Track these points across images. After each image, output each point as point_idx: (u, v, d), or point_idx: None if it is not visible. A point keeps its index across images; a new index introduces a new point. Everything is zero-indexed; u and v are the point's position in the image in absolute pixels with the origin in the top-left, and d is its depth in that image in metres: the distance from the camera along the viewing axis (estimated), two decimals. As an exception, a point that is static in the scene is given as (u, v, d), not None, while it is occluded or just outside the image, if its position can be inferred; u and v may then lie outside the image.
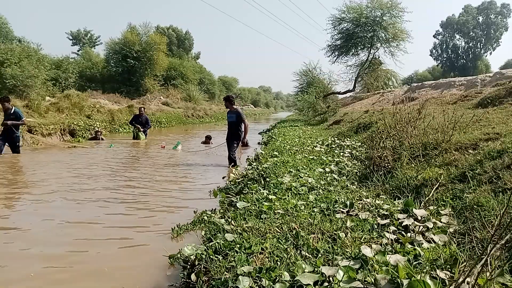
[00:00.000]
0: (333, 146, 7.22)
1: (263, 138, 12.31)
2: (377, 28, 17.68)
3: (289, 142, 8.50)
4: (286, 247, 2.24)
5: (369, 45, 18.79)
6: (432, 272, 1.74)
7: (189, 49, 44.34)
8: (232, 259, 2.15)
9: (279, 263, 2.05)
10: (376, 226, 2.54)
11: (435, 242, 2.22)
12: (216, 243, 2.48)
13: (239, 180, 5.06)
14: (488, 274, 1.55)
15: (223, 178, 6.00)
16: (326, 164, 5.19)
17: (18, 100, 12.03)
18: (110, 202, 4.52)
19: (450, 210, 2.68)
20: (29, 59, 14.00)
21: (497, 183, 2.71)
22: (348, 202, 3.07)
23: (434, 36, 53.48)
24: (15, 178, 5.97)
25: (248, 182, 4.62)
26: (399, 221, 2.61)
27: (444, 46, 52.26)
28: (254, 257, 2.16)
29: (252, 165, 5.75)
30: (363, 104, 17.12)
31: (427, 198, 2.99)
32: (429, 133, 4.54)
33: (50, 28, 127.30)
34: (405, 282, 1.60)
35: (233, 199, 4.04)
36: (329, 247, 2.19)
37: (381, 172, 4.08)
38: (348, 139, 7.92)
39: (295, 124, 17.19)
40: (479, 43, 50.98)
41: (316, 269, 1.91)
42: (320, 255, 2.10)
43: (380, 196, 3.34)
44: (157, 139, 12.43)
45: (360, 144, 6.77)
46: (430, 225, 2.44)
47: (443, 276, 1.69)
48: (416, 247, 2.11)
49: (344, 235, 2.35)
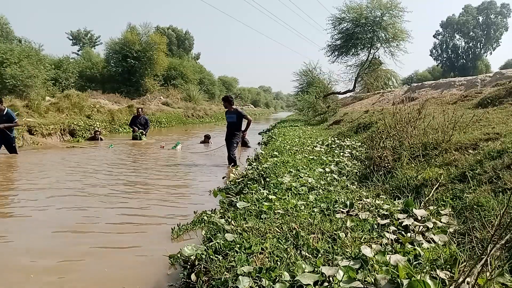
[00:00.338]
0: (333, 146, 7.22)
1: (263, 138, 12.30)
2: (377, 28, 17.68)
3: (289, 142, 8.50)
4: (286, 247, 2.24)
5: (369, 45, 18.77)
6: (432, 272, 1.74)
7: (189, 49, 44.39)
8: (232, 259, 2.15)
9: (279, 263, 2.05)
10: (376, 226, 2.54)
11: (435, 242, 2.22)
12: (216, 243, 2.48)
13: (239, 180, 5.06)
14: (488, 274, 1.55)
15: (223, 178, 6.00)
16: (326, 164, 5.19)
17: (18, 100, 12.03)
18: (110, 202, 4.52)
19: (450, 210, 2.68)
20: (29, 59, 14.00)
21: (497, 183, 2.71)
22: (348, 202, 3.07)
23: (434, 36, 53.61)
24: (11, 179, 5.90)
25: (248, 182, 4.62)
26: (399, 221, 2.60)
27: (444, 46, 52.30)
28: (254, 257, 2.16)
29: (252, 165, 5.74)
30: (363, 104, 17.12)
31: (427, 198, 2.99)
32: (429, 133, 4.54)
33: (50, 28, 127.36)
34: (405, 282, 1.60)
35: (233, 199, 4.04)
36: (329, 247, 2.19)
37: (381, 172, 4.08)
38: (348, 139, 7.91)
39: (295, 124, 17.19)
40: (479, 43, 51.01)
41: (316, 269, 1.91)
42: (320, 255, 2.10)
43: (380, 196, 3.34)
44: (155, 139, 12.43)
45: (360, 144, 6.77)
46: (430, 225, 2.44)
47: (443, 276, 1.69)
48: (416, 247, 2.11)
49: (344, 235, 2.35)
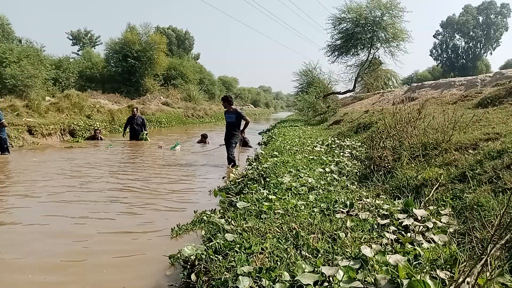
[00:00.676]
0: (333, 146, 7.22)
1: (263, 138, 12.30)
2: (377, 28, 17.67)
3: (289, 142, 8.50)
4: (286, 247, 2.24)
5: (369, 45, 18.77)
6: (432, 272, 1.74)
7: (189, 49, 44.41)
8: (232, 259, 2.15)
9: (279, 263, 2.05)
10: (376, 226, 2.54)
11: (435, 242, 2.22)
12: (216, 243, 2.48)
13: (239, 180, 5.06)
14: (488, 274, 1.55)
15: (223, 178, 6.00)
16: (326, 164, 5.18)
17: (18, 100, 12.04)
18: (109, 202, 4.52)
19: (450, 210, 2.68)
20: (28, 59, 13.99)
21: (497, 183, 2.71)
22: (348, 202, 3.07)
23: (434, 36, 53.57)
24: (5, 180, 5.74)
25: (248, 182, 4.62)
26: (399, 221, 2.61)
27: (444, 46, 52.27)
28: (254, 257, 2.16)
29: (252, 165, 5.74)
30: (363, 104, 17.11)
31: (427, 198, 2.99)
32: (429, 133, 4.54)
33: (50, 28, 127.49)
34: (405, 282, 1.60)
35: (233, 199, 4.04)
36: (329, 247, 2.19)
37: (381, 172, 4.08)
38: (348, 139, 7.91)
39: (295, 124, 17.19)
40: (479, 43, 50.98)
41: (316, 269, 1.91)
42: (320, 255, 2.10)
43: (380, 196, 3.34)
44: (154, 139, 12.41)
45: (360, 144, 6.76)
46: (430, 225, 2.44)
47: (443, 276, 1.69)
48: (416, 247, 2.11)
49: (344, 235, 2.35)
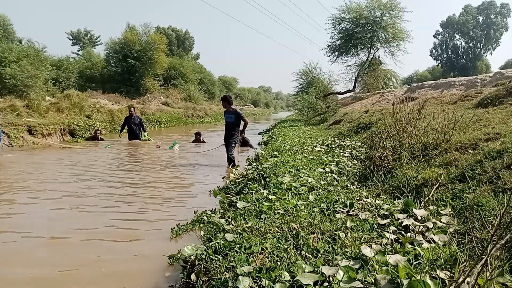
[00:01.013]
0: (333, 146, 7.22)
1: (263, 138, 12.31)
2: (377, 28, 17.67)
3: (289, 142, 8.50)
4: (286, 247, 2.24)
5: (369, 45, 18.76)
6: (432, 272, 1.74)
7: (189, 49, 44.43)
8: (232, 259, 2.15)
9: (279, 263, 2.05)
10: (376, 226, 2.54)
11: (435, 242, 2.22)
12: (216, 243, 2.48)
13: (239, 180, 5.06)
14: (488, 274, 1.55)
15: (223, 178, 5.99)
16: (326, 164, 5.18)
17: (18, 100, 12.04)
18: (108, 203, 4.52)
19: (450, 210, 2.68)
20: (28, 58, 13.98)
21: (497, 183, 2.71)
22: (348, 202, 3.07)
23: (434, 36, 53.58)
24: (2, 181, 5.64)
25: (248, 182, 4.62)
26: (399, 221, 2.60)
27: (444, 46, 52.28)
28: (254, 257, 2.16)
29: (252, 165, 5.74)
30: (363, 104, 17.11)
31: (427, 198, 2.99)
32: (429, 133, 4.53)
33: (50, 28, 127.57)
34: (405, 282, 1.60)
35: (233, 199, 4.04)
36: (329, 247, 2.19)
37: (381, 172, 4.08)
38: (348, 139, 7.91)
39: (295, 124, 17.19)
40: (479, 43, 50.99)
41: (316, 269, 1.91)
42: (320, 255, 2.10)
43: (380, 196, 3.34)
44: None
45: (360, 144, 6.76)
46: (430, 225, 2.44)
47: (443, 276, 1.69)
48: (416, 247, 2.11)
49: (344, 235, 2.35)
